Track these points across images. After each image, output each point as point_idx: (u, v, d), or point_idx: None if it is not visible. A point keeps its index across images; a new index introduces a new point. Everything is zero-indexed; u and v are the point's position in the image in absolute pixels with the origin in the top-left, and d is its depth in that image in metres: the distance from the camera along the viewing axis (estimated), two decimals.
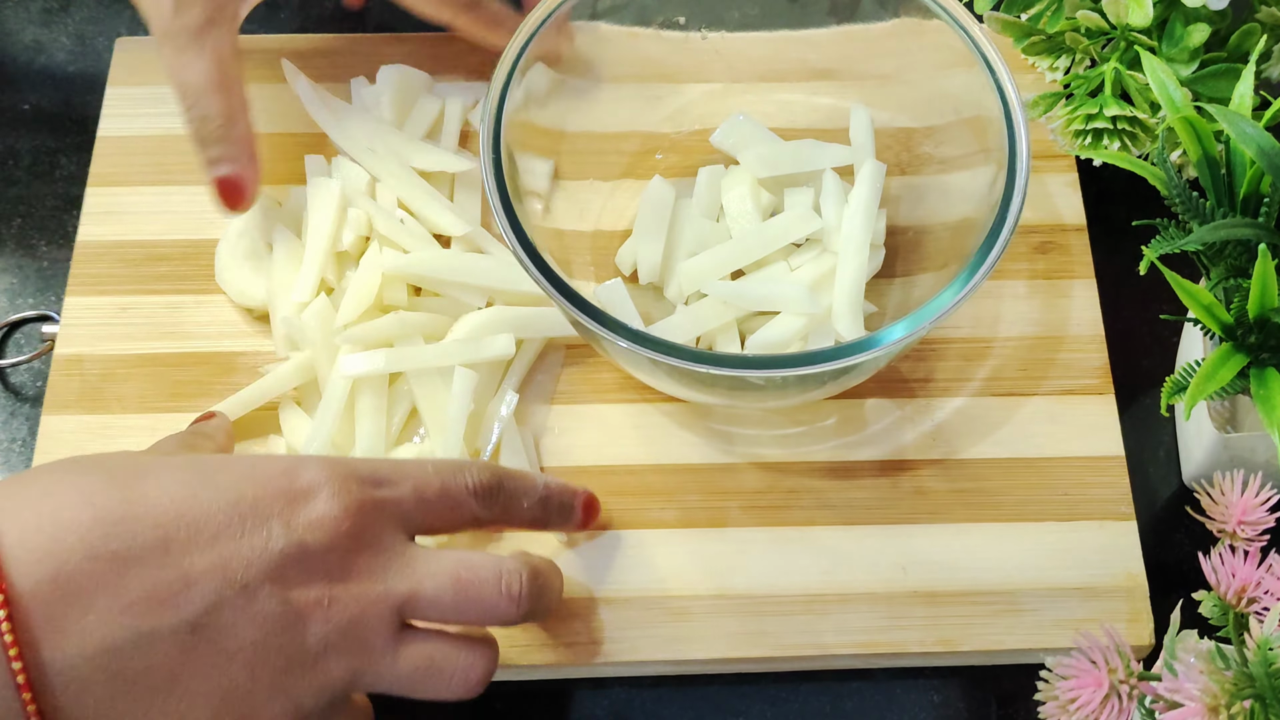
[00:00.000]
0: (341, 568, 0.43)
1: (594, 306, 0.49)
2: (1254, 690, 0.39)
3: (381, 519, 0.45)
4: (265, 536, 0.42)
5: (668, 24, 0.60)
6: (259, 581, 0.42)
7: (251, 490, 0.43)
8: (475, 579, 0.46)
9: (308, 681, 0.43)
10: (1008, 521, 0.56)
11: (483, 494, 0.48)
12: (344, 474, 0.44)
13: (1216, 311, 0.48)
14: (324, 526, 0.43)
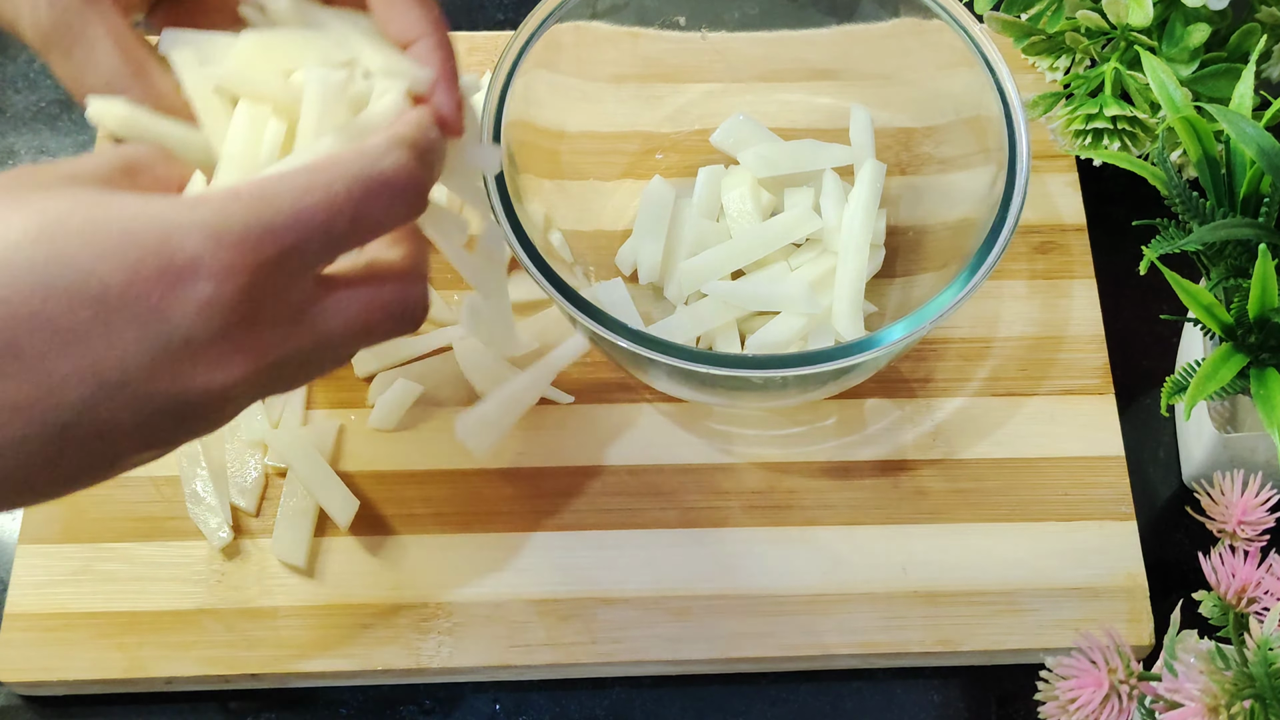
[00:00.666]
0: (241, 350, 0.37)
1: (594, 306, 0.49)
2: (1254, 690, 0.39)
3: (281, 279, 0.38)
4: (139, 331, 0.36)
5: (668, 24, 0.60)
6: (141, 379, 0.36)
7: (120, 275, 0.35)
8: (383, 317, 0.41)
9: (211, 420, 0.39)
10: (1008, 521, 0.56)
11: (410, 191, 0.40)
12: (234, 238, 0.36)
13: (1216, 311, 0.48)
14: (213, 312, 0.36)
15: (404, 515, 0.56)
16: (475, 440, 0.52)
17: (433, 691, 0.54)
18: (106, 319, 0.35)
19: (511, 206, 0.51)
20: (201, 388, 0.37)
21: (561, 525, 0.55)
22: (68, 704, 0.53)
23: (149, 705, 0.53)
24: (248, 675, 0.53)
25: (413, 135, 0.41)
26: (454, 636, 0.53)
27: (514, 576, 0.54)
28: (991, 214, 0.52)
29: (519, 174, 0.54)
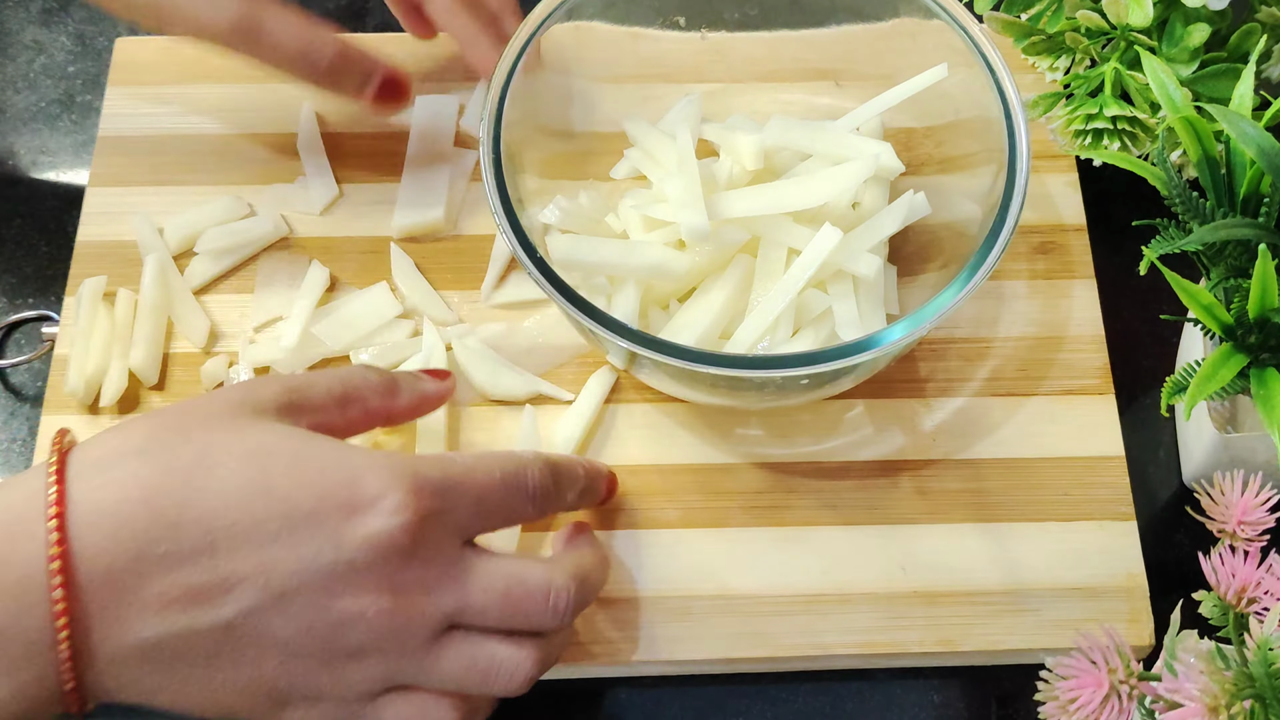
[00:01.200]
0: (391, 582, 0.43)
1: (594, 306, 0.49)
2: (1254, 690, 0.39)
3: (440, 531, 0.44)
4: (314, 550, 0.42)
5: (668, 24, 0.60)
6: (299, 591, 0.42)
7: (309, 501, 0.42)
8: (524, 594, 0.46)
9: (340, 678, 0.44)
10: (1007, 521, 0.56)
11: (540, 498, 0.48)
12: (409, 486, 0.43)
13: (1216, 311, 0.48)
14: (378, 543, 0.43)
15: None
16: None
17: None
18: (291, 533, 0.42)
19: (511, 207, 0.51)
20: (348, 607, 0.43)
21: (562, 525, 0.55)
22: None
23: None
24: None
25: (556, 461, 0.50)
26: None
27: None
28: (991, 214, 0.52)
29: (519, 174, 0.54)
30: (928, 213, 0.57)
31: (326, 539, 0.42)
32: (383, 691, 0.45)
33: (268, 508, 0.42)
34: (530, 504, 0.48)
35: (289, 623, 0.42)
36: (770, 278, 0.56)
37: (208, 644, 0.42)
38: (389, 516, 0.43)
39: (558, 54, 0.57)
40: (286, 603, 0.42)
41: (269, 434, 0.44)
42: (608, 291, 0.57)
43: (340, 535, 0.42)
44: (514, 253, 0.50)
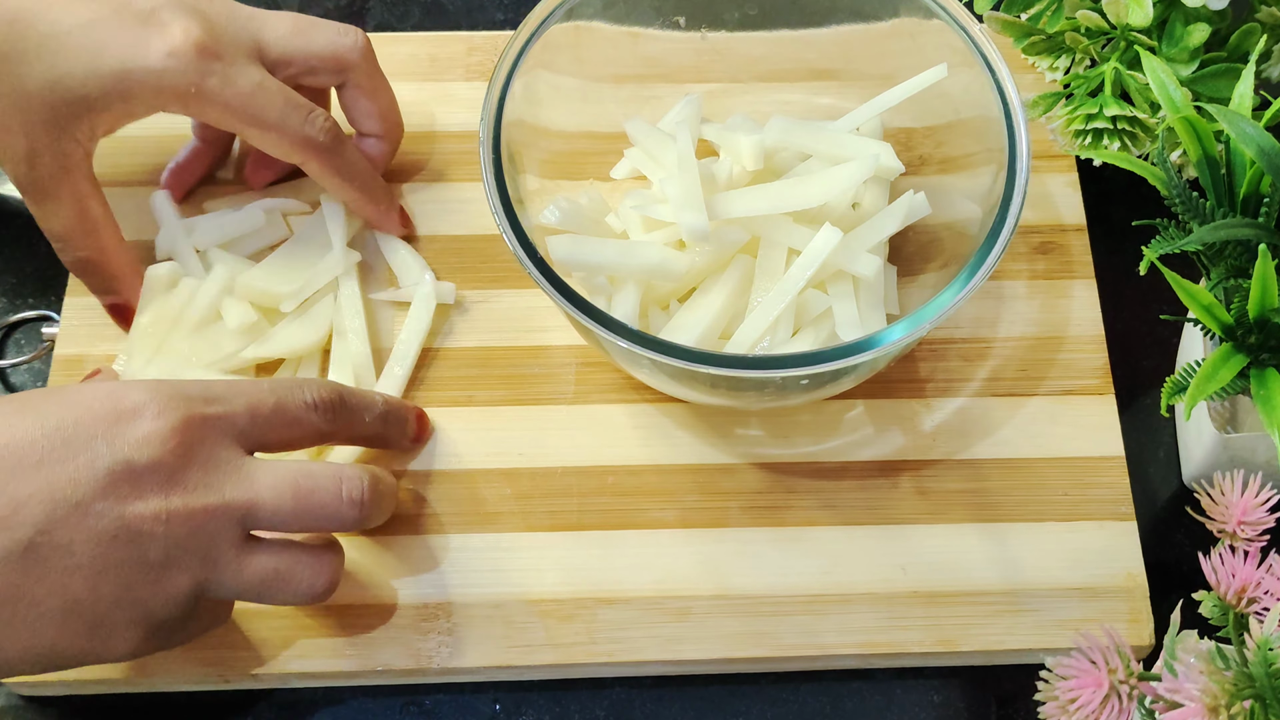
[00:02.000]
0: (175, 482, 0.45)
1: (594, 306, 0.49)
2: (1254, 690, 0.39)
3: (213, 434, 0.46)
4: (90, 456, 0.44)
5: (668, 24, 0.60)
6: (90, 499, 0.43)
7: (74, 414, 0.44)
8: (315, 486, 0.47)
9: (152, 593, 0.45)
10: (1008, 521, 0.56)
11: (324, 408, 0.50)
12: (170, 393, 0.46)
13: (1216, 311, 0.48)
14: (151, 443, 0.44)
15: (404, 515, 0.56)
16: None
17: (433, 691, 0.54)
18: (63, 448, 0.44)
19: (511, 207, 0.51)
20: (140, 510, 0.44)
21: (561, 525, 0.55)
22: (68, 704, 0.53)
23: (149, 705, 0.53)
24: (248, 675, 0.53)
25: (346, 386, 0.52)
26: (454, 636, 0.53)
27: (514, 576, 0.54)
28: (991, 214, 0.52)
29: (519, 174, 0.54)
30: (928, 213, 0.57)
31: (101, 444, 0.44)
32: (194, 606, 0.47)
33: (34, 426, 0.44)
34: (313, 412, 0.49)
35: (88, 537, 0.43)
36: (770, 278, 0.56)
37: (13, 575, 0.43)
38: (154, 419, 0.45)
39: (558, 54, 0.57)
40: (80, 514, 0.43)
41: (41, 393, 0.46)
42: (608, 291, 0.57)
43: (112, 439, 0.44)
44: (514, 253, 0.50)
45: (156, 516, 0.44)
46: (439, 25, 0.71)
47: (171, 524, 0.45)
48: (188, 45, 0.53)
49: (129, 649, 0.46)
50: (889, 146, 0.58)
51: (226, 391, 0.48)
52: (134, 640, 0.46)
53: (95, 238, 0.57)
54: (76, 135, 0.54)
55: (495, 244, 0.61)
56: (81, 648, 0.45)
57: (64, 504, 0.43)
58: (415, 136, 0.65)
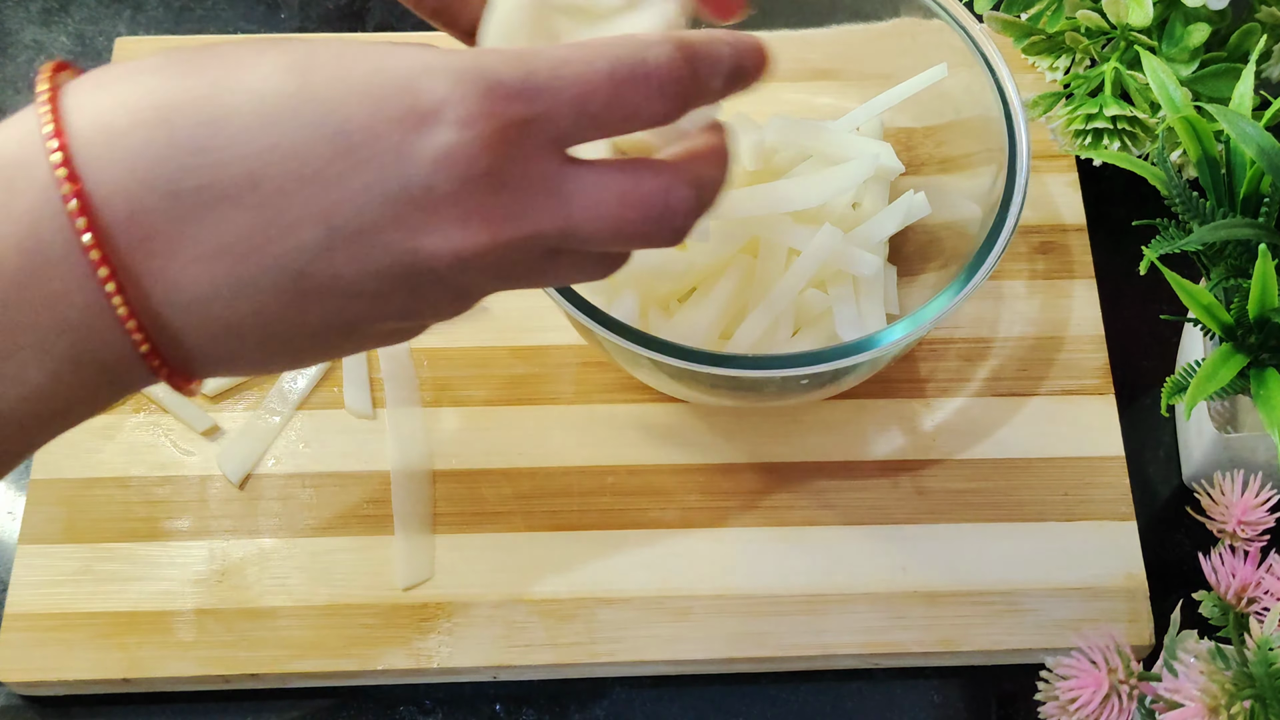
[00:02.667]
0: (479, 213, 0.35)
1: (594, 307, 0.49)
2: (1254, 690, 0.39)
3: (530, 144, 0.36)
4: (378, 173, 0.34)
5: None
6: (374, 229, 0.34)
7: (362, 113, 0.34)
8: (639, 217, 0.37)
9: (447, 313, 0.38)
10: (1008, 521, 0.56)
11: (672, 85, 0.37)
12: (482, 85, 0.35)
13: (1216, 311, 0.48)
14: (455, 162, 0.34)
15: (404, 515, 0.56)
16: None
17: (433, 691, 0.54)
18: (345, 158, 0.34)
19: None
20: (435, 248, 0.35)
21: (561, 525, 0.55)
22: (68, 704, 0.53)
23: (149, 705, 0.53)
24: (248, 675, 0.53)
25: (690, 39, 0.38)
26: (454, 636, 0.53)
27: (514, 576, 0.54)
28: (991, 214, 0.52)
29: None
30: (928, 213, 0.57)
31: (390, 160, 0.34)
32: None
33: (312, 125, 0.34)
34: (659, 98, 0.37)
35: (372, 272, 0.35)
36: (770, 277, 0.56)
37: (279, 301, 0.35)
38: (460, 128, 0.34)
39: None
40: (362, 245, 0.35)
41: (303, 46, 0.35)
42: (608, 291, 0.57)
43: (405, 154, 0.34)
44: None
45: (456, 255, 0.35)
46: None
47: (469, 263, 0.36)
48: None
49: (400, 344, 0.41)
50: (889, 146, 0.58)
51: (552, 75, 0.36)
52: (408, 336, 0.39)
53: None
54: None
55: None
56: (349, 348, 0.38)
57: (346, 230, 0.34)
58: None
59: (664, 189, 0.38)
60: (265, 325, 0.35)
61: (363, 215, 0.34)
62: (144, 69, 0.34)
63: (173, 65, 0.34)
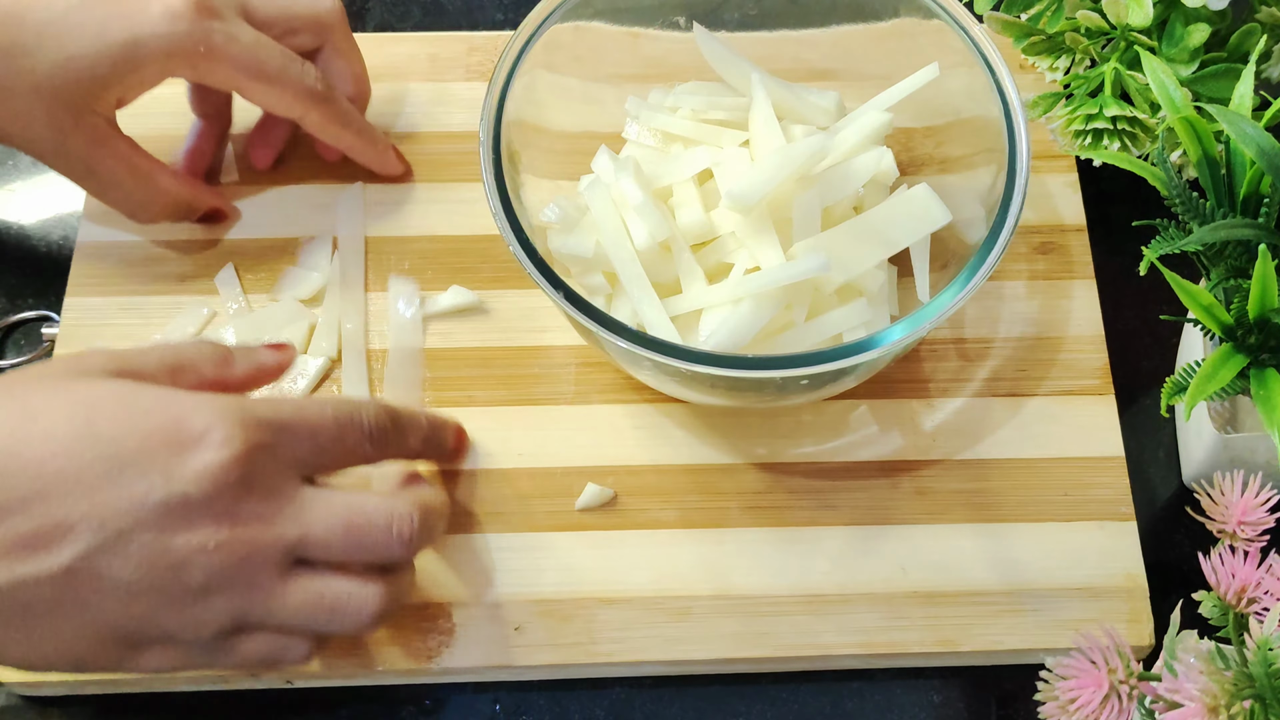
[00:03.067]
0: (228, 514, 0.44)
1: (594, 307, 0.49)
2: (1254, 690, 0.39)
3: (274, 465, 0.45)
4: (145, 487, 0.42)
5: (668, 24, 0.60)
6: (137, 530, 0.42)
7: (135, 440, 0.43)
8: (366, 523, 0.46)
9: (187, 617, 0.44)
10: (1008, 521, 0.56)
11: (378, 436, 0.49)
12: (237, 418, 0.44)
13: (1216, 312, 0.48)
14: (211, 476, 0.43)
15: None
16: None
17: (433, 691, 0.54)
18: (120, 473, 0.42)
19: (511, 207, 0.51)
20: (185, 541, 0.43)
21: (562, 525, 0.55)
22: (68, 704, 0.53)
23: (149, 705, 0.53)
24: (248, 675, 0.53)
25: (398, 408, 0.51)
26: (454, 636, 0.53)
27: (514, 576, 0.54)
28: (991, 214, 0.52)
29: (519, 174, 0.54)
30: (895, 176, 0.58)
31: (157, 475, 0.42)
32: (234, 631, 0.45)
33: (95, 450, 0.42)
34: (368, 441, 0.48)
35: (128, 563, 0.42)
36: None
37: (49, 591, 0.42)
38: (218, 450, 0.43)
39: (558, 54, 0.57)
40: (124, 543, 0.42)
41: (95, 387, 0.44)
42: (608, 291, 0.57)
43: (170, 471, 0.43)
44: (514, 253, 0.50)
45: (203, 547, 0.43)
46: (439, 25, 0.71)
47: (217, 553, 0.43)
48: (187, 5, 0.54)
49: (162, 665, 0.46)
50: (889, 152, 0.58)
51: (293, 416, 0.46)
52: (167, 658, 0.45)
53: (153, 184, 0.58)
54: (97, 109, 0.55)
55: (495, 244, 0.61)
56: (114, 660, 0.45)
57: (110, 532, 0.42)
58: (416, 136, 0.65)
59: (388, 504, 0.47)
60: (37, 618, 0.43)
61: (127, 520, 0.42)
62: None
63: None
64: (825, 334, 0.55)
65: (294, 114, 0.58)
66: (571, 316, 0.50)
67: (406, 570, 0.49)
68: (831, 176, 0.56)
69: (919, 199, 0.56)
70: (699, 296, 0.55)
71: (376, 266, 0.61)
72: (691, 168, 0.57)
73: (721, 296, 0.54)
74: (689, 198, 0.56)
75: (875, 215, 0.56)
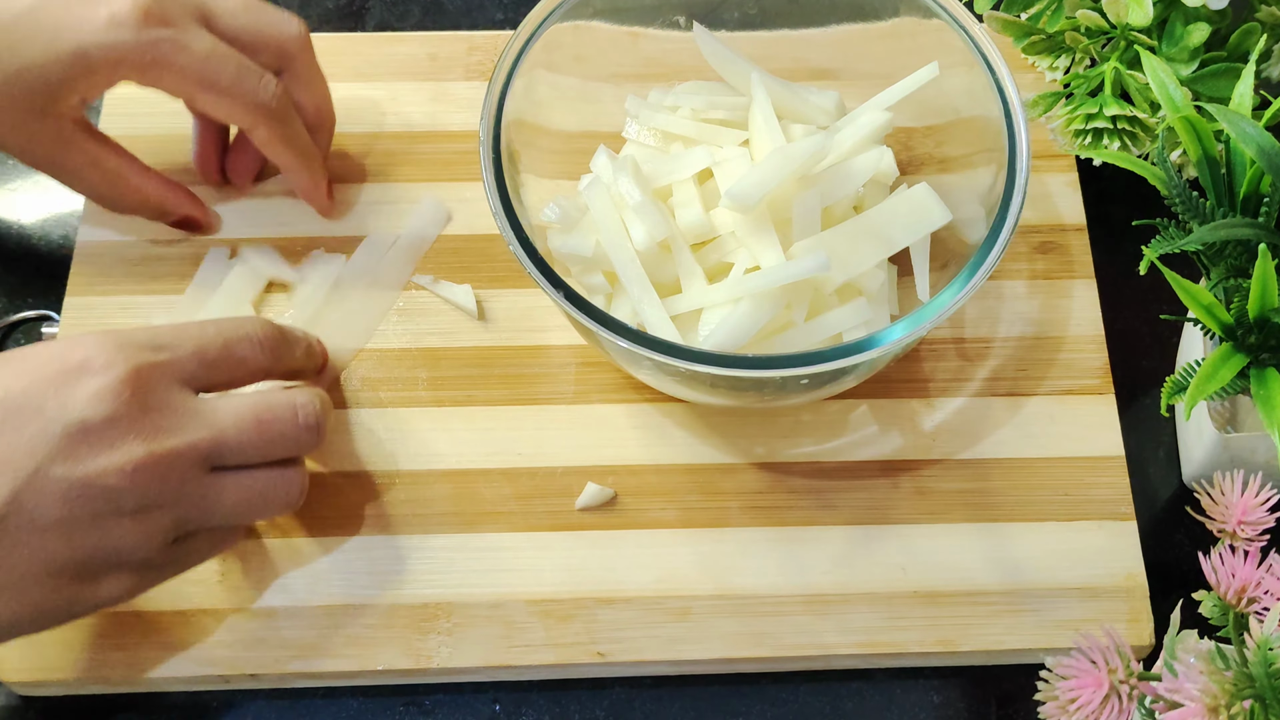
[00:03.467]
0: (134, 432, 0.45)
1: (594, 306, 0.49)
2: (1254, 690, 0.39)
3: (164, 380, 0.46)
4: (43, 422, 0.44)
5: (668, 24, 0.60)
6: (49, 464, 0.44)
7: (20, 382, 0.44)
8: (275, 417, 0.49)
9: (133, 539, 0.46)
10: (1008, 521, 0.56)
11: (267, 346, 0.51)
12: (116, 343, 0.46)
13: (1216, 311, 0.48)
14: (103, 398, 0.44)
15: (404, 515, 0.56)
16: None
17: (433, 691, 0.54)
18: (16, 417, 0.44)
19: (511, 207, 0.51)
20: (101, 468, 0.44)
21: (561, 525, 0.55)
22: (68, 704, 0.53)
23: (149, 705, 0.53)
24: (247, 675, 0.53)
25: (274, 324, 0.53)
26: (454, 636, 0.53)
27: (514, 576, 0.54)
28: (991, 214, 0.52)
29: (519, 174, 0.54)
30: (895, 175, 0.58)
31: (51, 409, 0.44)
32: (176, 541, 0.48)
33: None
34: (259, 349, 0.51)
35: (54, 499, 0.44)
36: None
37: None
38: (102, 373, 0.45)
39: (558, 54, 0.57)
40: (41, 480, 0.43)
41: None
42: (608, 291, 0.57)
43: (63, 401, 0.44)
44: (514, 253, 0.50)
45: (121, 470, 0.44)
46: (439, 25, 0.71)
47: (138, 473, 0.45)
48: (134, 13, 0.53)
49: (119, 592, 0.47)
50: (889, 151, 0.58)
51: (173, 337, 0.48)
52: (123, 584, 0.47)
53: (124, 184, 0.59)
54: (60, 111, 0.55)
55: (495, 244, 0.61)
56: (70, 599, 0.46)
57: (24, 473, 0.43)
58: (415, 136, 0.65)
59: (288, 396, 0.50)
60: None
61: (36, 457, 0.43)
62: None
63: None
64: (825, 334, 0.55)
65: (243, 125, 0.58)
66: (571, 316, 0.50)
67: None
68: (831, 176, 0.56)
69: (919, 199, 0.56)
70: (699, 296, 0.55)
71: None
72: (691, 167, 0.57)
73: (721, 296, 0.54)
74: (689, 197, 0.56)
75: (875, 215, 0.56)
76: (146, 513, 0.46)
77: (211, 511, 0.48)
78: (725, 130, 0.58)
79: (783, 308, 0.54)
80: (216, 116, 0.58)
